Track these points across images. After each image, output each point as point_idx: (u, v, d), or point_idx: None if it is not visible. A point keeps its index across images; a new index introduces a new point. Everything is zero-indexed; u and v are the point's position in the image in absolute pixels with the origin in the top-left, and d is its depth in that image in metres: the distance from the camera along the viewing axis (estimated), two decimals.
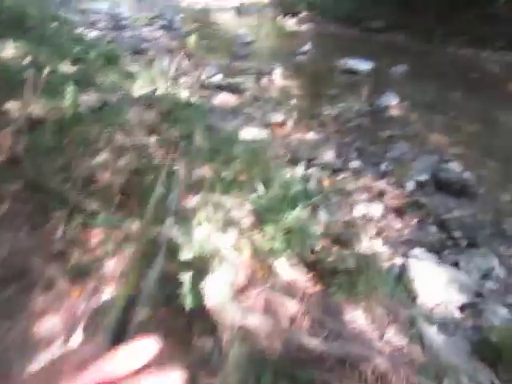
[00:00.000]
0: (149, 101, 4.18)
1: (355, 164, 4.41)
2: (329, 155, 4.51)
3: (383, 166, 4.41)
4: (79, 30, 9.96)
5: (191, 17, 14.94)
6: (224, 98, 6.35)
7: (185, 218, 2.26)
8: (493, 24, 10.80)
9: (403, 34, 12.19)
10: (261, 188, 2.70)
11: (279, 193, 2.65)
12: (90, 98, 3.70)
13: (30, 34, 5.28)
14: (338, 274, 2.14)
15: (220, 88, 7.00)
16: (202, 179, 2.77)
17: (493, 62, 9.22)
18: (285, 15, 15.12)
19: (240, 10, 17.00)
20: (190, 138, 3.56)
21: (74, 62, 4.98)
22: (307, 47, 9.98)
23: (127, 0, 18.83)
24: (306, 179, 3.62)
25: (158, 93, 4.63)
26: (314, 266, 2.22)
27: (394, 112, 6.22)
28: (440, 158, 4.70)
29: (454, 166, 4.45)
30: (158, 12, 15.59)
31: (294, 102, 6.72)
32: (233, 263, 2.04)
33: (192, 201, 2.51)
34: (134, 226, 2.22)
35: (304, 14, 14.70)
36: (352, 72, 8.37)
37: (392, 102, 6.39)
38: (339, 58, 9.29)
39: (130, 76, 5.02)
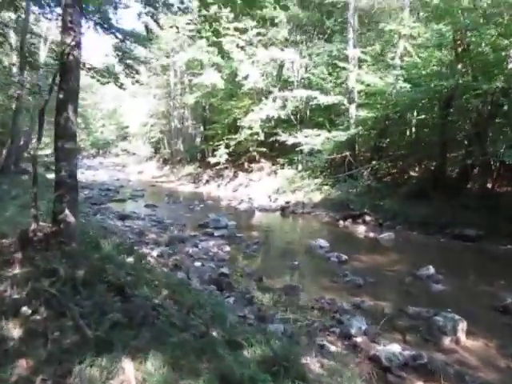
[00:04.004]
0: None
1: None
2: None
3: None
4: (139, 248, 7.74)
5: (242, 221, 13.28)
6: None
7: None
8: None
9: (509, 244, 10.29)
10: None
11: None
12: None
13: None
14: None
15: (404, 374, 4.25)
16: None
17: None
18: (345, 219, 13.57)
19: (286, 212, 15.66)
20: None
21: None
22: (430, 270, 7.68)
23: (158, 203, 17.64)
24: None
25: None
26: None
27: None
28: None
29: None
30: (197, 214, 14.13)
31: None
32: None
33: None
34: None
35: (368, 218, 13.16)
36: None
37: None
38: (485, 285, 7.13)
39: None
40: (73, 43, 4.14)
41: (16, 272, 3.73)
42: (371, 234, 11.63)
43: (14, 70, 15.95)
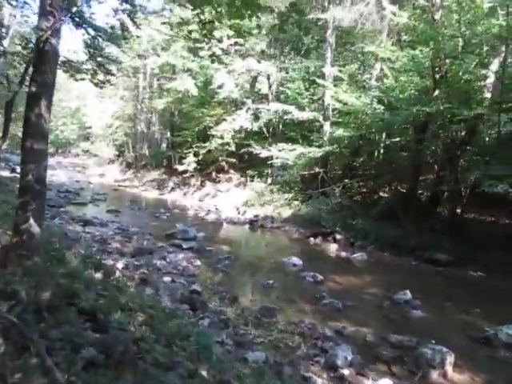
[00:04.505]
0: None
1: None
2: None
3: None
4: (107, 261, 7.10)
5: (210, 233, 12.79)
6: None
7: None
8: None
9: (479, 270, 10.41)
10: None
11: None
12: None
13: None
14: None
15: None
16: None
17: None
18: (315, 236, 13.38)
19: (255, 226, 15.31)
20: None
21: None
22: (407, 295, 7.56)
23: (122, 208, 16.84)
24: None
25: None
26: None
27: None
28: None
29: None
30: (164, 223, 13.57)
31: None
32: None
33: None
34: None
35: (339, 236, 13.03)
36: None
37: None
38: (462, 313, 7.07)
39: None
40: (52, 29, 3.64)
41: None
42: (343, 254, 11.49)
43: None
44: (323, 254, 11.67)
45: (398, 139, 13.18)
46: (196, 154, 21.59)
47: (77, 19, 13.17)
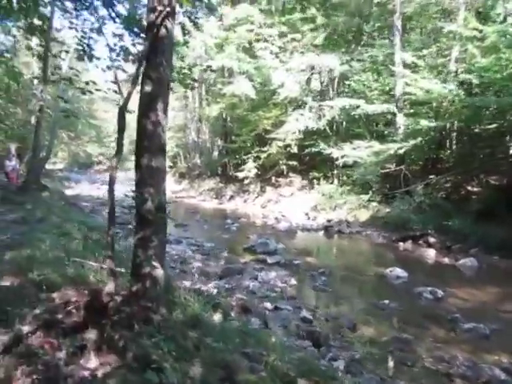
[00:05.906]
0: None
1: None
2: None
3: None
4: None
5: (287, 243, 11.79)
6: None
7: None
8: None
9: None
10: None
11: None
12: None
13: None
14: None
15: None
16: None
17: None
18: (403, 240, 12.03)
19: (331, 232, 14.15)
20: None
21: None
22: None
23: (187, 221, 16.25)
24: None
25: None
26: None
27: None
28: None
29: None
30: (236, 236, 12.77)
31: None
32: None
33: None
34: None
35: (432, 239, 11.61)
36: None
37: None
38: None
39: None
40: (167, 9, 2.75)
41: (93, 368, 2.28)
42: (445, 260, 10.11)
43: (35, 81, 14.89)
44: (421, 260, 10.34)
45: (493, 125, 11.54)
46: (256, 160, 20.71)
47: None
